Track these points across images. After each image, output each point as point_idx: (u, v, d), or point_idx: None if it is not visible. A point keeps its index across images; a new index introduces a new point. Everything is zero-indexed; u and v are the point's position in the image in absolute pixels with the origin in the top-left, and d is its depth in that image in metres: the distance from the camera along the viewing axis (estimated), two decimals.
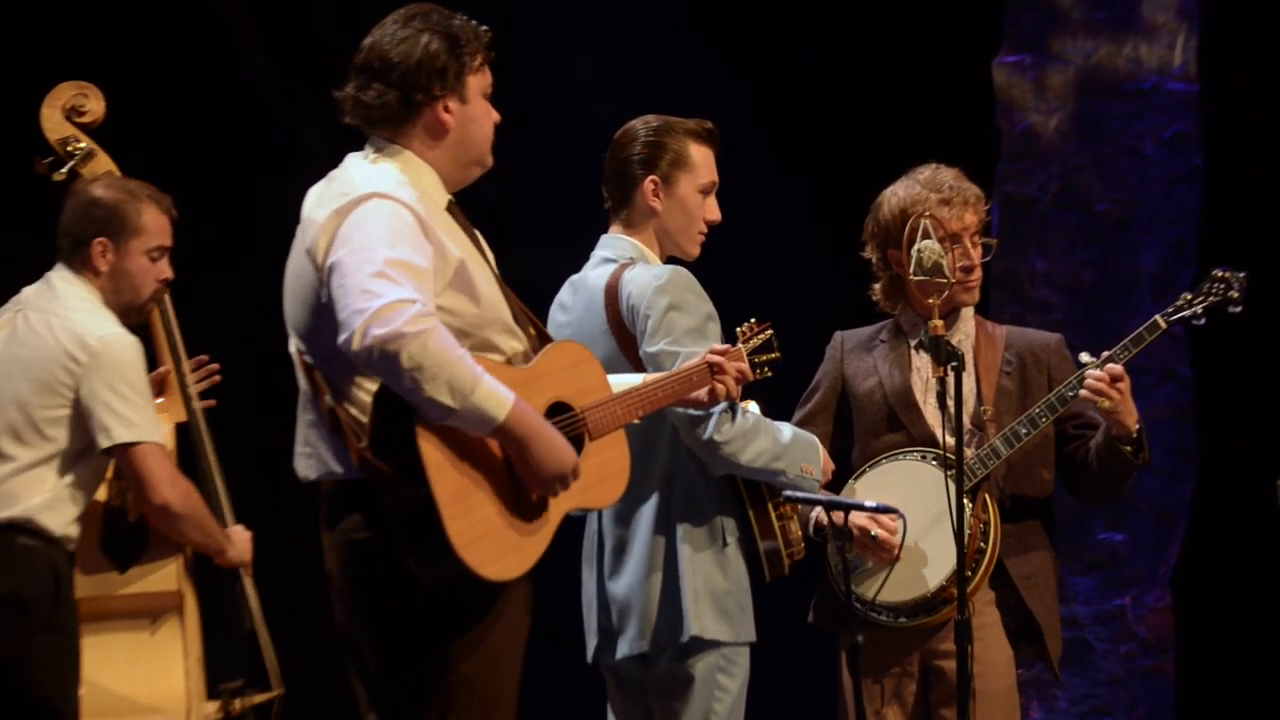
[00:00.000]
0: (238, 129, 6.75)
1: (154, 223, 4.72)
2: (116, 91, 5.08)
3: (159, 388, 4.94)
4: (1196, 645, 7.29)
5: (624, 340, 4.49)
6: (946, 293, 4.67)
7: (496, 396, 3.64)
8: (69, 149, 5.00)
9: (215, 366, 5.03)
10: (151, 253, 4.72)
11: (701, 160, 4.63)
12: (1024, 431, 4.81)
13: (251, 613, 4.94)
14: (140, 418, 4.55)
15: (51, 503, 4.54)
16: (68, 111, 5.03)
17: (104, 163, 4.99)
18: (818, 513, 4.80)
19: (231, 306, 5.17)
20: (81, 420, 4.54)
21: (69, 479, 4.56)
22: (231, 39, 7.01)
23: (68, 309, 4.62)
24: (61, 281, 4.68)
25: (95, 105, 5.04)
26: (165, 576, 4.72)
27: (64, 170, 4.98)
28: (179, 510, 4.59)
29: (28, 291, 4.71)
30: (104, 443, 4.53)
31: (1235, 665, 7.12)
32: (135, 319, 4.78)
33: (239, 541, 4.84)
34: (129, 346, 4.60)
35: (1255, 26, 7.25)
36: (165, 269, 4.76)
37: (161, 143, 5.01)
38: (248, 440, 5.36)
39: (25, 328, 4.62)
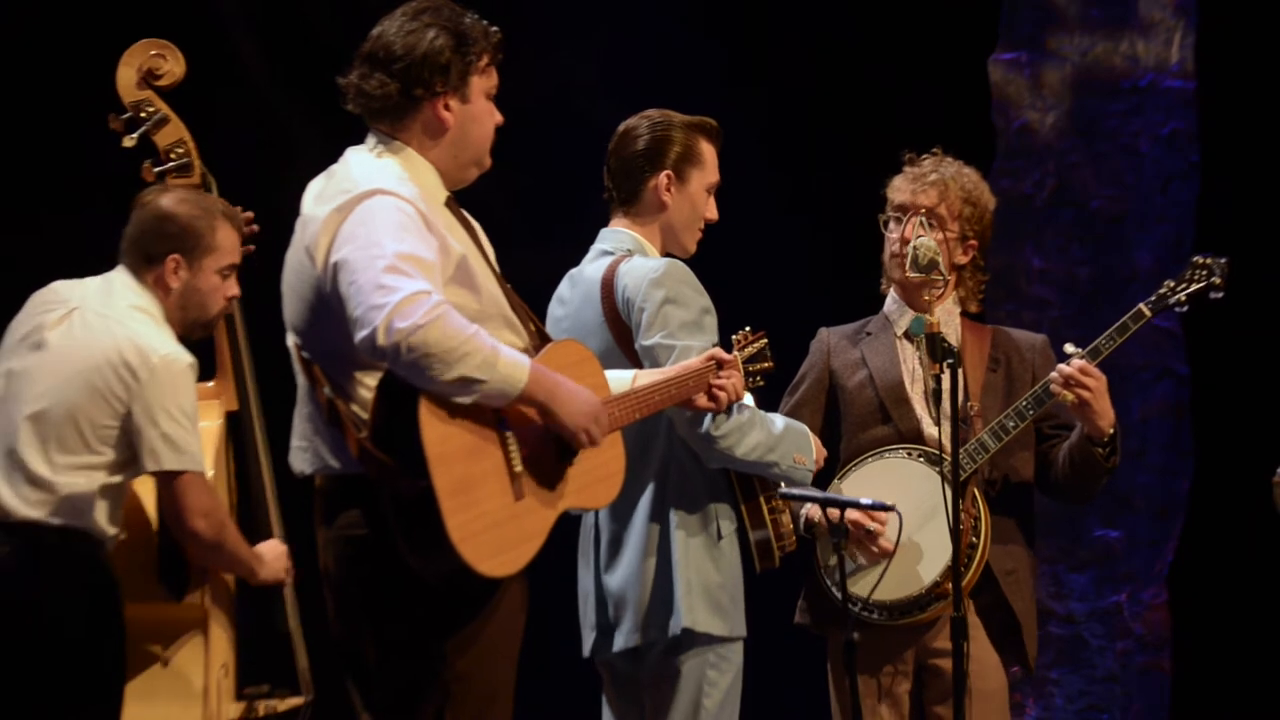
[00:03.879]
0: (233, 123, 6.74)
1: (228, 240, 4.59)
2: (109, 87, 5.04)
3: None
4: (1193, 642, 7.29)
5: (619, 332, 4.49)
6: (942, 292, 4.68)
7: (516, 364, 3.66)
8: (142, 113, 4.84)
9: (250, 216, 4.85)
10: (223, 270, 4.59)
11: (710, 159, 4.63)
12: (1011, 425, 4.82)
13: (288, 615, 4.89)
14: (189, 445, 4.44)
15: (100, 508, 4.45)
16: (143, 74, 4.86)
17: (176, 129, 4.84)
18: (808, 510, 4.79)
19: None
20: (128, 434, 4.44)
21: (114, 487, 4.47)
22: (226, 33, 7.01)
23: (127, 318, 4.48)
24: (125, 288, 4.54)
25: (173, 66, 4.87)
26: (194, 594, 4.63)
27: (134, 136, 4.82)
28: (208, 541, 4.50)
29: (89, 288, 4.56)
30: (150, 466, 4.44)
31: (1231, 662, 7.12)
32: (199, 334, 4.67)
33: (270, 559, 4.72)
34: (186, 370, 4.47)
35: (1252, 24, 7.25)
36: (233, 286, 4.63)
37: None
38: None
39: (82, 328, 4.48)
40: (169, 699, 4.62)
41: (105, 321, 4.48)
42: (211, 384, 4.88)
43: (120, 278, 4.57)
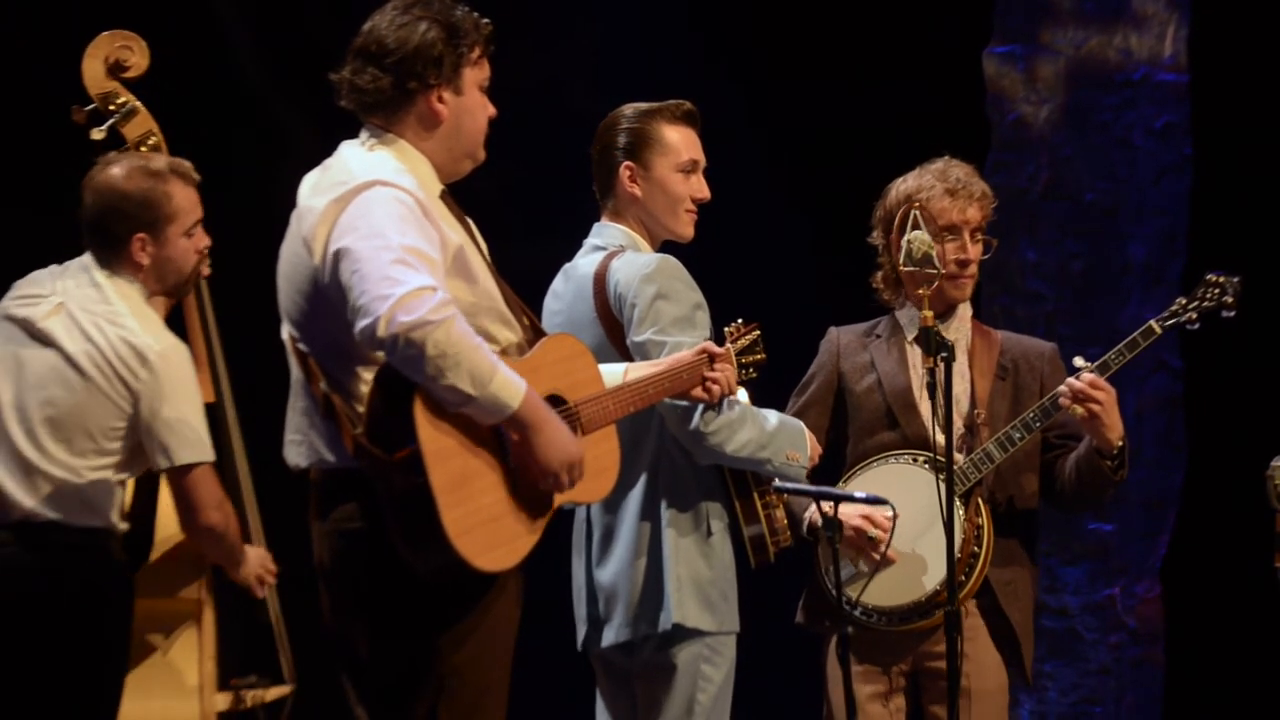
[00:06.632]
0: (228, 116, 6.74)
1: (186, 200, 4.53)
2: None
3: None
4: (1185, 635, 7.30)
5: (611, 328, 4.49)
6: (936, 284, 4.67)
7: (511, 385, 3.65)
8: (110, 106, 4.82)
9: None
10: (189, 231, 4.55)
11: (677, 140, 4.60)
12: (1018, 436, 4.78)
13: (269, 606, 4.89)
14: (198, 437, 4.43)
15: (117, 508, 4.45)
16: (110, 66, 4.84)
17: (145, 121, 4.82)
18: (811, 513, 4.79)
19: (222, 295, 5.15)
20: (135, 433, 4.41)
21: (122, 485, 4.48)
22: (220, 28, 7.00)
23: (114, 316, 4.44)
24: (104, 280, 4.49)
25: (139, 59, 4.86)
26: (192, 588, 4.67)
27: (103, 128, 4.79)
28: (220, 533, 4.51)
29: (69, 280, 4.51)
30: (163, 463, 4.42)
31: (1224, 655, 7.13)
32: (184, 293, 4.67)
33: (252, 559, 4.72)
34: (184, 360, 4.46)
35: (1245, 17, 7.26)
36: (202, 238, 4.58)
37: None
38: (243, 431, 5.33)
39: (76, 333, 4.44)
40: (165, 693, 4.63)
41: (96, 321, 4.44)
42: None
43: (94, 268, 4.51)
